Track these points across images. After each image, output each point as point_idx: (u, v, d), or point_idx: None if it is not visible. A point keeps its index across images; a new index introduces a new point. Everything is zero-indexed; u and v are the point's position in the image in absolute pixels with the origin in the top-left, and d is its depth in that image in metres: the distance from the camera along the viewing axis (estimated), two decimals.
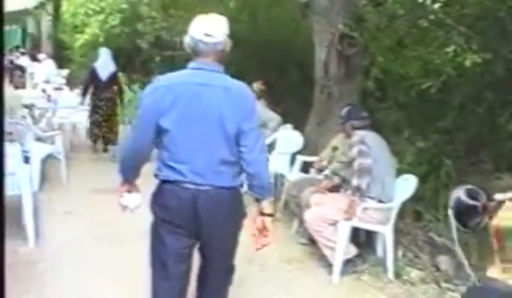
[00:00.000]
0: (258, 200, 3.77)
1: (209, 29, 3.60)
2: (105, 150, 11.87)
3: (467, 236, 6.18)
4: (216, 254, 3.93)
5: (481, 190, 1.62)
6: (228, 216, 3.76)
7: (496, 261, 2.00)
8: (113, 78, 11.96)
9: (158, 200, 3.92)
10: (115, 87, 12.05)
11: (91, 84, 11.81)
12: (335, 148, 6.78)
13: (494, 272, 2.04)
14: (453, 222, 1.76)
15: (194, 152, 3.62)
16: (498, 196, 1.91)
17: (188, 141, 3.62)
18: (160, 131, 3.63)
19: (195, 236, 3.81)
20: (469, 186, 1.65)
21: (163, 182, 3.80)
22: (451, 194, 1.75)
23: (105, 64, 11.83)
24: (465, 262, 5.81)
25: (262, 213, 3.74)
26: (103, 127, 11.70)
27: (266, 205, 3.75)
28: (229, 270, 4.06)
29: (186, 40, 3.68)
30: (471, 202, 1.60)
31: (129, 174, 4.22)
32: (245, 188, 3.82)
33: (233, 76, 3.74)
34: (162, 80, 3.79)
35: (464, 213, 1.62)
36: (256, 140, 3.67)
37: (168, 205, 3.82)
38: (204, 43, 3.59)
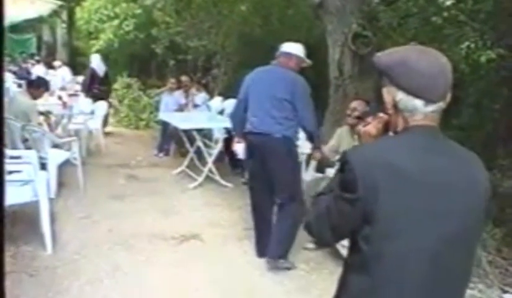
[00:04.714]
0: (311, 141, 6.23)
1: (285, 45, 6.08)
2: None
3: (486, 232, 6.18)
4: (277, 184, 5.89)
5: None
6: (285, 156, 5.79)
7: None
8: (106, 76, 15.34)
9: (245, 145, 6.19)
10: (109, 85, 15.67)
11: (93, 80, 14.70)
12: (339, 141, 6.76)
13: None
14: None
15: (262, 112, 5.79)
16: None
17: (259, 106, 5.84)
18: (247, 100, 5.99)
19: (264, 170, 5.88)
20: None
21: (246, 133, 6.02)
22: None
23: (99, 65, 15.13)
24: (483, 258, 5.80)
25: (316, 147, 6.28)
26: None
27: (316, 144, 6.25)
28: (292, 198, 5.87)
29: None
30: None
31: (237, 126, 6.34)
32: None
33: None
34: (253, 71, 6.11)
35: None
36: (305, 110, 5.77)
37: (248, 146, 6.08)
38: (280, 52, 6.04)
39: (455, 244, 1.99)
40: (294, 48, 6.07)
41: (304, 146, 7.42)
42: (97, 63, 15.15)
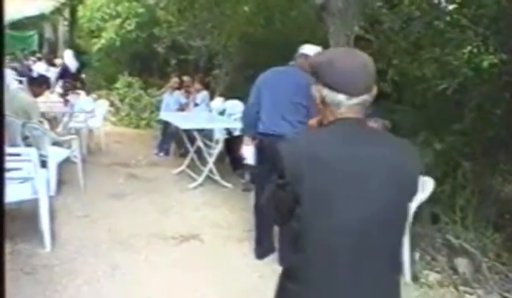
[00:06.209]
0: None
1: (304, 46, 6.22)
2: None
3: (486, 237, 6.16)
4: None
5: None
6: None
7: None
8: (78, 72, 16.98)
9: (256, 146, 6.22)
10: (80, 81, 17.01)
11: (63, 74, 16.41)
12: None
13: None
14: None
15: (277, 114, 5.89)
16: None
17: (273, 108, 5.94)
18: (260, 102, 6.05)
19: (272, 173, 5.47)
20: None
21: (259, 133, 6.10)
22: None
23: (71, 61, 16.94)
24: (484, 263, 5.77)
25: None
26: None
27: None
28: None
29: None
30: None
31: (248, 129, 6.40)
32: None
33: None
34: (266, 72, 6.20)
35: None
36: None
37: (260, 146, 6.11)
38: (298, 53, 6.17)
39: (379, 226, 2.20)
40: (312, 50, 6.05)
41: None
42: (69, 59, 16.90)
